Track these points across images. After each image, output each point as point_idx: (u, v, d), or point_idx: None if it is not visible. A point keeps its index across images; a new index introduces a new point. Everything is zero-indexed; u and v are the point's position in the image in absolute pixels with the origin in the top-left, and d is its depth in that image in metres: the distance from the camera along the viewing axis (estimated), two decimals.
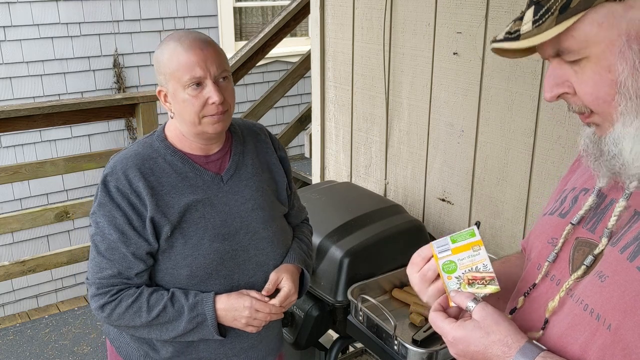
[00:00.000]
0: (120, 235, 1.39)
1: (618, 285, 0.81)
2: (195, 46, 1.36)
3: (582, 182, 0.98)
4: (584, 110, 0.84)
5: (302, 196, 2.27)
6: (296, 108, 5.53)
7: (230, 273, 1.48)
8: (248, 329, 1.48)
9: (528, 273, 0.99)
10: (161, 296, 1.43)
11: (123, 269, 1.41)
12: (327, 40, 2.71)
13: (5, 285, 4.39)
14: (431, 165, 2.33)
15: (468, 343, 0.89)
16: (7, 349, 3.38)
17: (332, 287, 1.93)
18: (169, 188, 1.42)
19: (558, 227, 0.96)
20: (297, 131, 4.40)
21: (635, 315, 0.77)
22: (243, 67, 3.79)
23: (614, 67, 0.78)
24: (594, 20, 0.77)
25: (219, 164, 1.51)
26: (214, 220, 1.46)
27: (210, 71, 1.37)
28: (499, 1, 1.94)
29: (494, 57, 1.99)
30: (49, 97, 4.51)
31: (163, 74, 1.40)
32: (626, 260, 0.81)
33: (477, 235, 0.97)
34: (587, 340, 0.83)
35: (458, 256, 0.96)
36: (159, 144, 1.46)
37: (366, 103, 2.57)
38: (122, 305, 1.41)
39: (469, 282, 0.94)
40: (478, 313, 0.90)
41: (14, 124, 3.08)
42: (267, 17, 5.66)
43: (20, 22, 4.33)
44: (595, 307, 0.82)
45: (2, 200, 4.44)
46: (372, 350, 1.80)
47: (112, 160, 1.45)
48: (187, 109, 1.39)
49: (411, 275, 1.02)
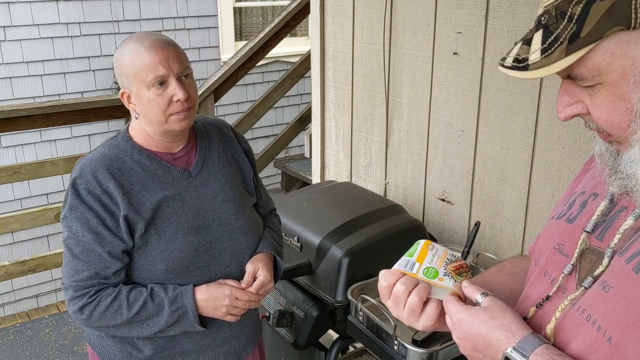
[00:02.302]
0: (95, 236, 1.40)
1: (622, 297, 0.79)
2: (157, 46, 1.38)
3: (592, 186, 0.96)
4: (602, 130, 0.82)
5: (302, 196, 2.27)
6: (296, 108, 5.53)
7: (206, 265, 1.50)
8: (228, 317, 1.51)
9: (536, 279, 0.97)
10: (140, 292, 1.44)
11: (100, 269, 1.41)
12: (327, 40, 2.71)
13: (5, 285, 4.38)
14: (431, 165, 2.33)
15: (471, 325, 0.88)
16: (7, 349, 3.38)
17: (332, 287, 1.93)
18: (139, 186, 1.44)
19: (565, 232, 0.94)
20: (297, 131, 4.40)
21: (637, 330, 0.76)
22: (243, 67, 3.79)
23: (629, 95, 0.76)
24: (607, 50, 0.74)
25: (185, 160, 1.53)
26: (186, 215, 1.48)
27: (172, 69, 1.39)
28: (499, 1, 1.94)
29: (494, 57, 1.99)
30: (49, 97, 4.51)
31: (125, 76, 1.41)
32: (632, 272, 0.79)
33: (421, 241, 0.99)
34: (586, 349, 0.81)
35: (426, 260, 0.96)
36: (125, 144, 1.48)
37: (366, 103, 2.57)
38: (101, 305, 1.41)
39: (457, 273, 0.94)
40: (487, 302, 0.89)
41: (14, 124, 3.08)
42: (267, 17, 5.66)
43: (20, 22, 4.32)
44: (598, 318, 0.81)
45: (2, 200, 4.44)
46: (372, 350, 1.80)
47: (79, 163, 1.45)
48: (153, 109, 1.40)
49: (392, 308, 0.99)
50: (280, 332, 2.07)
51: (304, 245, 2.01)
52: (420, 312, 0.96)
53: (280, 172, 4.67)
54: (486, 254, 2.04)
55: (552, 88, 1.84)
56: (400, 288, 0.96)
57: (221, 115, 5.10)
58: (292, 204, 2.20)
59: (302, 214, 2.12)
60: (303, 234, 2.03)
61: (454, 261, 0.96)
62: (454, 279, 0.94)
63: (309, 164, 4.19)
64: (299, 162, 4.55)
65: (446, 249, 0.98)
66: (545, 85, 1.86)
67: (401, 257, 0.99)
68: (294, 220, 2.10)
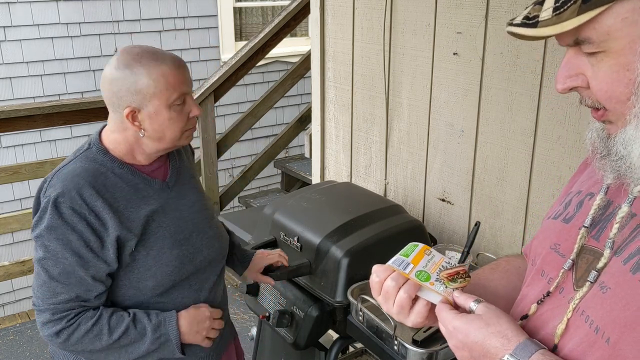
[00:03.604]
0: (78, 258, 1.33)
1: (619, 298, 0.78)
2: (178, 64, 1.39)
3: (588, 186, 0.96)
4: (598, 106, 0.81)
5: (302, 196, 2.27)
6: (296, 108, 5.53)
7: (188, 276, 1.50)
8: (205, 342, 1.53)
9: (533, 279, 0.97)
10: (122, 317, 1.39)
11: (81, 292, 1.36)
12: (327, 41, 2.71)
13: (5, 285, 4.39)
14: (431, 166, 2.33)
15: (467, 333, 0.87)
16: (7, 349, 3.38)
17: (332, 287, 1.93)
18: (124, 202, 1.40)
19: (562, 232, 0.94)
20: (297, 131, 4.40)
21: (635, 330, 0.75)
22: (243, 67, 3.79)
23: (633, 65, 0.74)
24: (619, 14, 0.73)
25: (162, 172, 1.51)
26: (170, 228, 1.46)
27: (189, 86, 1.41)
28: (499, 1, 1.94)
29: (494, 57, 1.99)
30: (49, 97, 4.51)
31: (142, 94, 1.35)
32: (629, 272, 0.79)
33: (419, 244, 0.99)
34: (585, 350, 0.81)
35: (421, 264, 0.96)
36: (103, 157, 1.41)
37: (366, 103, 2.57)
38: (80, 329, 1.36)
39: (450, 279, 0.94)
40: (481, 309, 0.89)
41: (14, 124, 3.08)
42: (267, 17, 5.66)
43: (20, 22, 4.33)
44: (595, 320, 0.80)
45: (2, 200, 4.44)
46: (372, 351, 1.80)
47: (58, 179, 1.36)
48: (172, 127, 1.40)
49: (383, 304, 0.99)
50: (280, 332, 2.07)
51: (304, 245, 2.01)
52: (409, 309, 0.96)
53: (280, 172, 4.68)
54: (486, 254, 2.04)
55: (552, 88, 1.84)
56: (391, 284, 0.96)
57: (221, 115, 5.11)
58: (292, 204, 2.20)
59: (302, 214, 2.12)
60: (303, 234, 2.03)
61: (449, 269, 0.96)
62: (445, 285, 0.94)
63: (309, 164, 4.19)
64: (299, 162, 4.55)
65: (443, 257, 0.98)
66: (545, 86, 1.86)
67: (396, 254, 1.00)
68: (294, 220, 2.10)
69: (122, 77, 1.35)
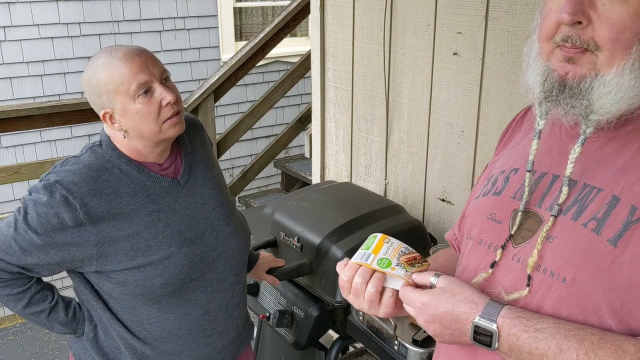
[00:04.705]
0: (43, 241, 1.33)
1: (567, 242, 0.84)
2: (131, 54, 1.34)
3: (510, 164, 1.01)
4: (587, 46, 0.80)
5: (302, 196, 2.27)
6: (296, 108, 5.53)
7: (202, 274, 1.49)
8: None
9: (471, 251, 1.01)
10: (45, 298, 1.46)
11: (26, 270, 1.39)
12: (327, 41, 2.71)
13: None
14: (431, 165, 2.33)
15: (436, 305, 0.92)
16: (7, 349, 3.38)
17: (332, 287, 1.93)
18: (128, 199, 1.38)
19: (495, 203, 0.99)
20: (297, 131, 4.40)
21: (588, 266, 0.81)
22: (243, 67, 3.79)
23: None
24: None
25: (173, 170, 1.49)
26: (179, 227, 1.44)
27: (154, 74, 1.35)
28: (499, 1, 1.94)
29: (494, 57, 1.99)
30: (49, 97, 4.51)
31: (105, 94, 1.34)
32: (570, 220, 0.85)
33: (378, 234, 1.05)
34: (543, 295, 0.86)
35: (381, 252, 1.01)
36: (111, 154, 1.40)
37: (366, 103, 2.57)
38: (6, 290, 1.41)
39: (409, 264, 0.99)
40: (442, 282, 0.94)
41: (14, 124, 3.08)
42: (267, 17, 5.66)
43: (20, 22, 4.32)
44: (548, 266, 0.86)
45: (2, 200, 4.44)
46: (372, 350, 1.80)
47: (63, 167, 1.36)
48: (145, 119, 1.35)
49: (354, 302, 1.03)
50: (280, 332, 2.07)
51: (304, 245, 2.01)
52: (379, 302, 1.00)
53: (280, 172, 4.68)
54: None
55: None
56: (358, 281, 1.00)
57: (221, 116, 5.11)
58: (292, 204, 2.20)
59: (302, 214, 2.12)
60: (303, 234, 2.03)
61: (407, 254, 1.02)
62: (405, 269, 0.98)
63: (309, 164, 4.19)
64: (299, 162, 4.55)
65: (401, 242, 1.04)
66: None
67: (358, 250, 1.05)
68: (294, 221, 2.10)
69: (87, 82, 1.36)
